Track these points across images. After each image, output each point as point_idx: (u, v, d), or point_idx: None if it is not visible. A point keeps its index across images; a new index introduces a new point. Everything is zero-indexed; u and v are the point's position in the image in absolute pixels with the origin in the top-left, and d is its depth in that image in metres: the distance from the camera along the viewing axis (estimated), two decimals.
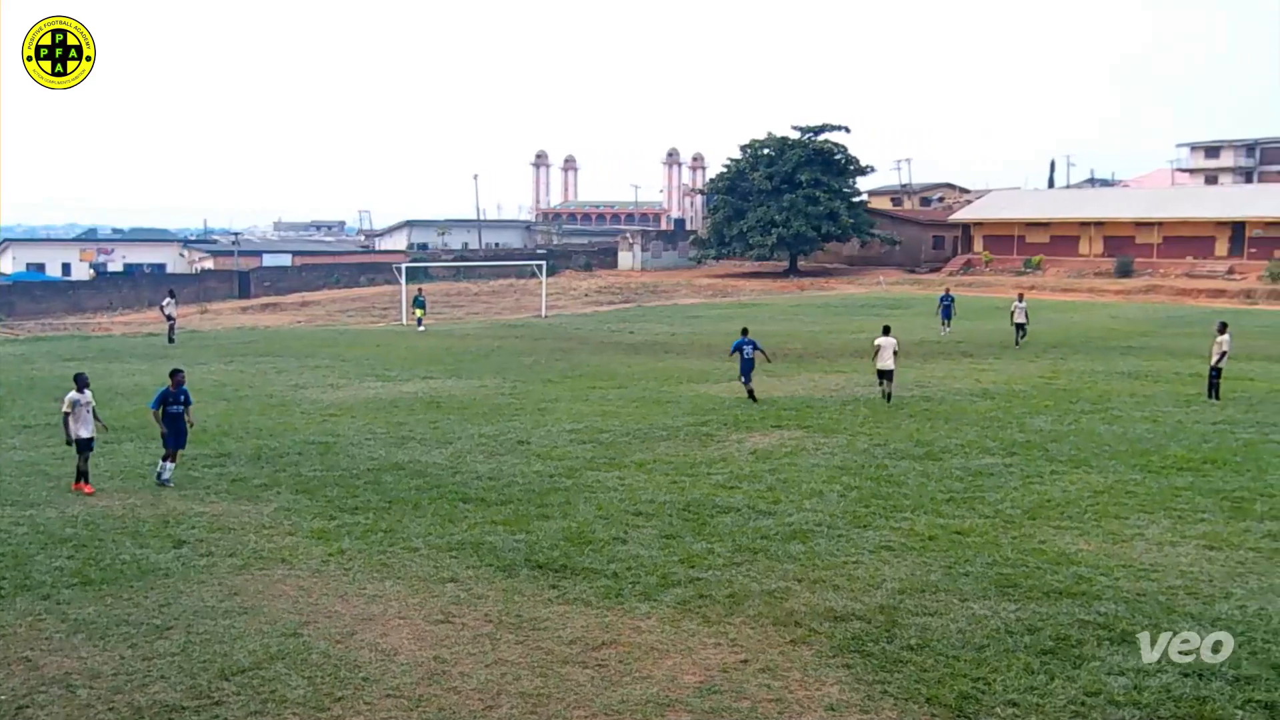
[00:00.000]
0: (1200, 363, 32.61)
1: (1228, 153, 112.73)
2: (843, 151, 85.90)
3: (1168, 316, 52.06)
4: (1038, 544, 14.04)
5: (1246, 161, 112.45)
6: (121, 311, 64.22)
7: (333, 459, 19.44)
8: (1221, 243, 74.58)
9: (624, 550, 13.83)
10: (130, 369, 32.63)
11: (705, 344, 40.35)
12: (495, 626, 11.33)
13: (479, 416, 23.92)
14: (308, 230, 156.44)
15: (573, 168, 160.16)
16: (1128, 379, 29.50)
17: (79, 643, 10.89)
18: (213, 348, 40.01)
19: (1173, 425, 22.23)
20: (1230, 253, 74.03)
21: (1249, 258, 72.37)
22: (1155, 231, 77.28)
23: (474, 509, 15.93)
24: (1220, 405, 24.65)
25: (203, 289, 72.74)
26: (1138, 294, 66.04)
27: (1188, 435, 21.11)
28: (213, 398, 26.57)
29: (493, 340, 42.86)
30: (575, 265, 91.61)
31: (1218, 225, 74.81)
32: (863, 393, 26.93)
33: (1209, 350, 26.32)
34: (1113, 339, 40.68)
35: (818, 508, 15.89)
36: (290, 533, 14.75)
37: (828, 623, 11.33)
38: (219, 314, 60.73)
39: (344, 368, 33.27)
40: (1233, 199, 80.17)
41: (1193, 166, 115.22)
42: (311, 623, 11.42)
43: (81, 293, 69.62)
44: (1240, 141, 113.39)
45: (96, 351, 38.74)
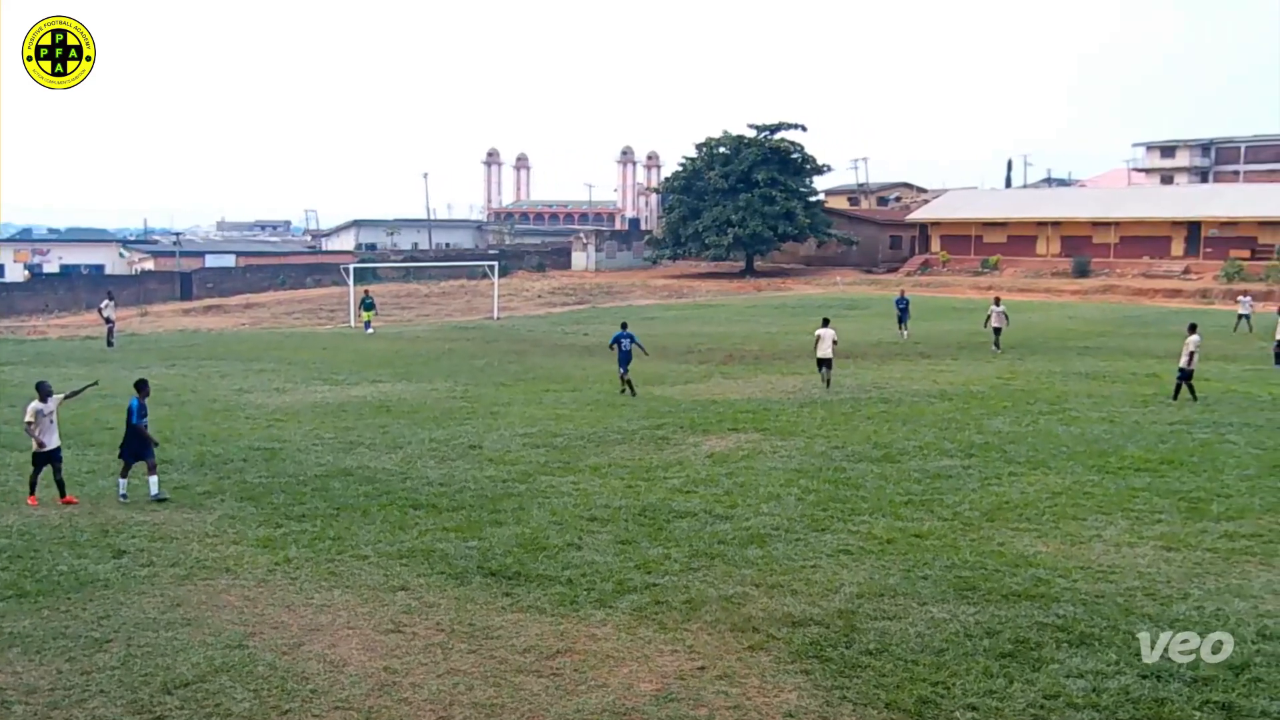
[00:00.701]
0: (1156, 363, 33.17)
1: (1183, 152, 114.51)
2: (799, 150, 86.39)
3: (1124, 316, 52.80)
4: (996, 546, 14.17)
5: (1202, 161, 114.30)
6: (58, 314, 63.33)
7: (279, 465, 19.26)
8: (1177, 242, 75.75)
9: (579, 556, 13.80)
10: (67, 374, 32.10)
11: (660, 346, 40.37)
12: (447, 635, 11.27)
13: (429, 421, 23.80)
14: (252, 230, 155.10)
15: (525, 166, 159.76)
16: (1085, 379, 29.88)
17: (14, 657, 10.70)
18: (154, 351, 39.53)
19: (1130, 426, 22.54)
20: (1186, 252, 75.21)
21: (1205, 257, 73.58)
22: (1112, 231, 78.36)
23: (425, 515, 15.84)
24: (1178, 405, 25.01)
25: (143, 291, 71.89)
26: (1095, 294, 66.91)
27: (1145, 436, 21.41)
28: (154, 403, 26.04)
29: (443, 343, 42.66)
30: (528, 266, 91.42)
31: (1174, 225, 75.97)
32: (820, 395, 27.08)
33: (1179, 351, 26.59)
34: (1070, 339, 41.18)
35: (775, 511, 15.95)
36: (235, 541, 14.59)
37: (786, 628, 11.37)
38: (160, 316, 60.00)
39: (290, 371, 32.98)
40: (1188, 199, 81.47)
41: (1149, 166, 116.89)
42: (257, 634, 11.30)
43: (16, 295, 68.58)
44: (1195, 141, 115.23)
45: (32, 355, 38.16)
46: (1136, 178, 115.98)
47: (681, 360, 35.75)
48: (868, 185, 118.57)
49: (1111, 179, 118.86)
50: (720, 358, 36.33)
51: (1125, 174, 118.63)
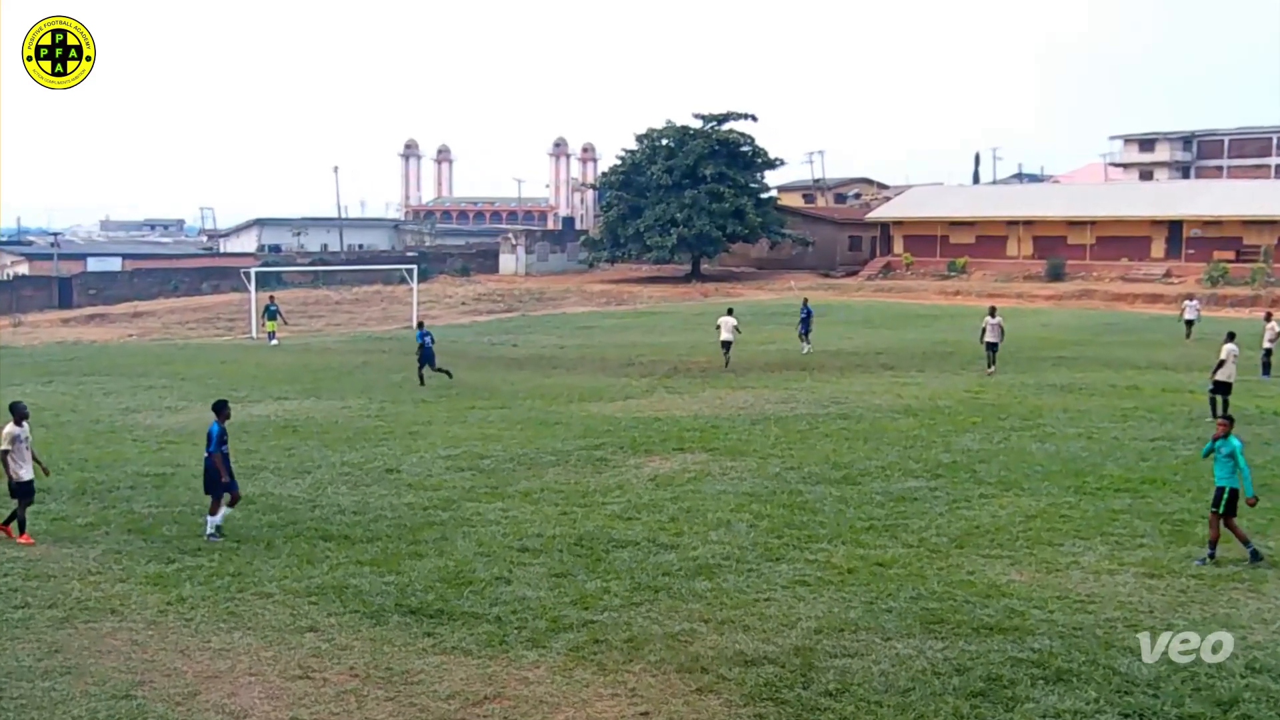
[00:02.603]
0: (1137, 374, 33.73)
1: (1163, 146, 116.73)
2: (750, 143, 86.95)
3: (1103, 324, 53.63)
4: (966, 575, 14.32)
5: (1183, 155, 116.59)
6: None
7: (171, 493, 18.99)
8: (1158, 243, 77.15)
9: (508, 591, 13.75)
10: None
11: (599, 358, 40.43)
12: (362, 681, 11.17)
13: (341, 442, 23.61)
14: (141, 230, 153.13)
15: (447, 159, 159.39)
16: (1060, 392, 30.28)
17: None
18: (28, 366, 38.82)
19: (1109, 443, 22.88)
20: (1167, 254, 76.59)
21: (1187, 259, 74.98)
22: (1088, 231, 79.62)
23: (336, 548, 15.70)
24: (1159, 420, 25.41)
25: (16, 298, 70.64)
26: (1070, 299, 67.88)
27: (1125, 453, 21.74)
28: (29, 424, 25.71)
29: (356, 355, 42.36)
30: (451, 269, 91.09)
31: (1154, 224, 77.36)
32: (774, 410, 27.23)
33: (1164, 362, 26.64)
34: (1044, 349, 41.69)
35: (725, 539, 15.99)
36: (121, 579, 14.36)
37: (737, 668, 11.40)
38: (36, 326, 58.96)
39: (184, 388, 32.56)
40: (1169, 196, 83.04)
41: (1126, 160, 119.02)
42: (147, 682, 11.12)
43: None
44: (1176, 134, 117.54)
45: None
46: (1114, 173, 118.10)
47: (621, 373, 35.78)
48: (824, 181, 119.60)
49: (1087, 174, 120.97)
50: (664, 370, 36.41)
51: (1102, 169, 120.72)
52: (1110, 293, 69.09)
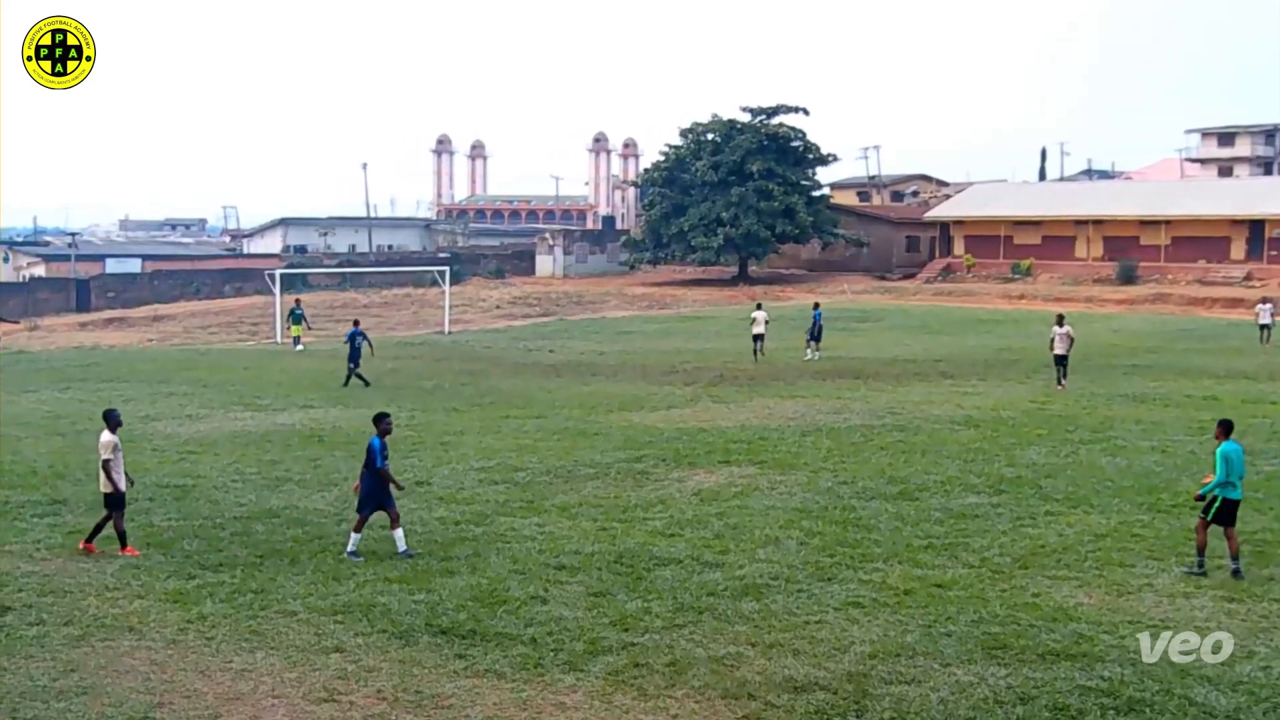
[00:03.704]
0: (1215, 383, 33.38)
1: (1244, 140, 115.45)
2: (800, 137, 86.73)
3: (1178, 330, 53.16)
4: (1031, 597, 14.21)
5: (1265, 150, 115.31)
6: None
7: (192, 505, 19.16)
8: (1238, 244, 76.35)
9: (544, 611, 13.77)
10: None
11: (640, 365, 40.46)
12: (390, 705, 11.22)
13: None
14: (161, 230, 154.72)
15: (481, 155, 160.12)
16: (1133, 403, 30.04)
17: None
18: (45, 371, 39.30)
19: (1185, 457, 22.66)
20: (1248, 255, 75.75)
21: (1269, 261, 74.17)
22: (1162, 231, 78.88)
23: (364, 564, 15.79)
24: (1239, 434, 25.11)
25: (32, 300, 71.51)
26: (1143, 303, 67.31)
27: (1202, 468, 21.46)
28: (45, 432, 26.09)
29: (386, 361, 42.55)
30: (485, 271, 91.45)
31: (1233, 224, 76.57)
32: (826, 421, 27.15)
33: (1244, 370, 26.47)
34: (1115, 356, 41.40)
35: (773, 558, 15.96)
36: (140, 595, 14.50)
37: (786, 694, 11.37)
38: (52, 330, 59.70)
39: (205, 395, 32.84)
40: (1250, 193, 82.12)
41: (1204, 156, 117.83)
42: (166, 704, 11.22)
43: None
44: (1258, 127, 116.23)
45: None
46: (1190, 169, 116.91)
47: (664, 381, 35.78)
48: (880, 178, 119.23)
49: (1161, 170, 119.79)
50: (709, 378, 36.38)
51: (1177, 165, 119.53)
52: (1186, 297, 68.45)
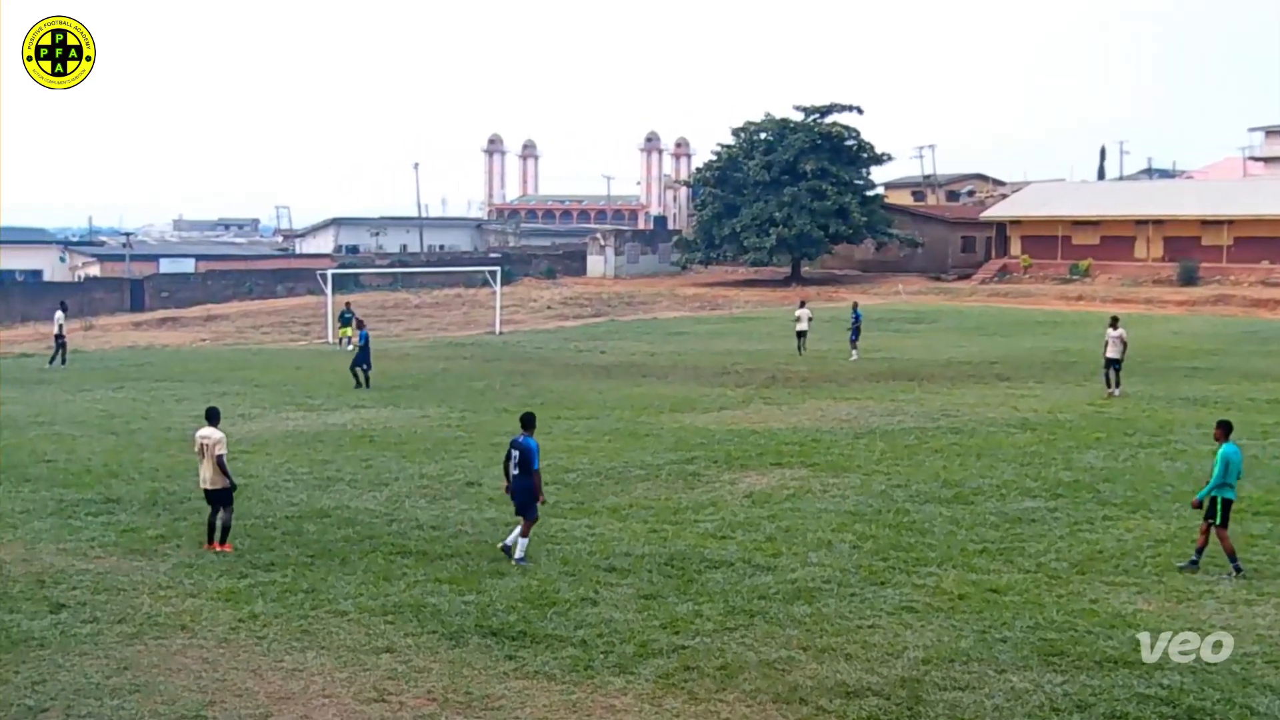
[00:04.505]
0: (1278, 386, 32.91)
1: None
2: (854, 136, 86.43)
3: (1240, 332, 52.49)
4: (1088, 603, 14.10)
5: None
6: None
7: (244, 504, 19.30)
8: None
9: (594, 613, 13.79)
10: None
11: (691, 366, 40.43)
12: (440, 706, 11.27)
13: (420, 453, 23.86)
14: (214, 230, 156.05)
15: (533, 155, 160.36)
16: (1193, 406, 29.70)
17: None
18: (99, 371, 39.79)
19: (1247, 461, 22.28)
20: None
21: None
22: (1225, 231, 77.98)
23: (414, 564, 15.87)
24: None
25: (88, 300, 72.26)
26: (1204, 305, 66.57)
27: (1265, 473, 21.26)
28: (100, 431, 26.41)
29: (436, 361, 42.81)
30: (536, 272, 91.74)
31: None
32: (879, 423, 27.03)
33: None
34: (1175, 359, 40.98)
35: (826, 561, 15.91)
36: (192, 594, 14.65)
37: (838, 699, 11.33)
38: (107, 330, 60.38)
39: (258, 395, 33.14)
40: None
41: (1268, 154, 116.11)
42: (218, 702, 11.33)
43: None
44: None
45: None
46: (1253, 168, 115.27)
47: (715, 383, 35.74)
48: (935, 177, 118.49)
49: (1224, 169, 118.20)
50: (761, 380, 36.31)
51: (1240, 164, 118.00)
52: (1249, 298, 67.61)
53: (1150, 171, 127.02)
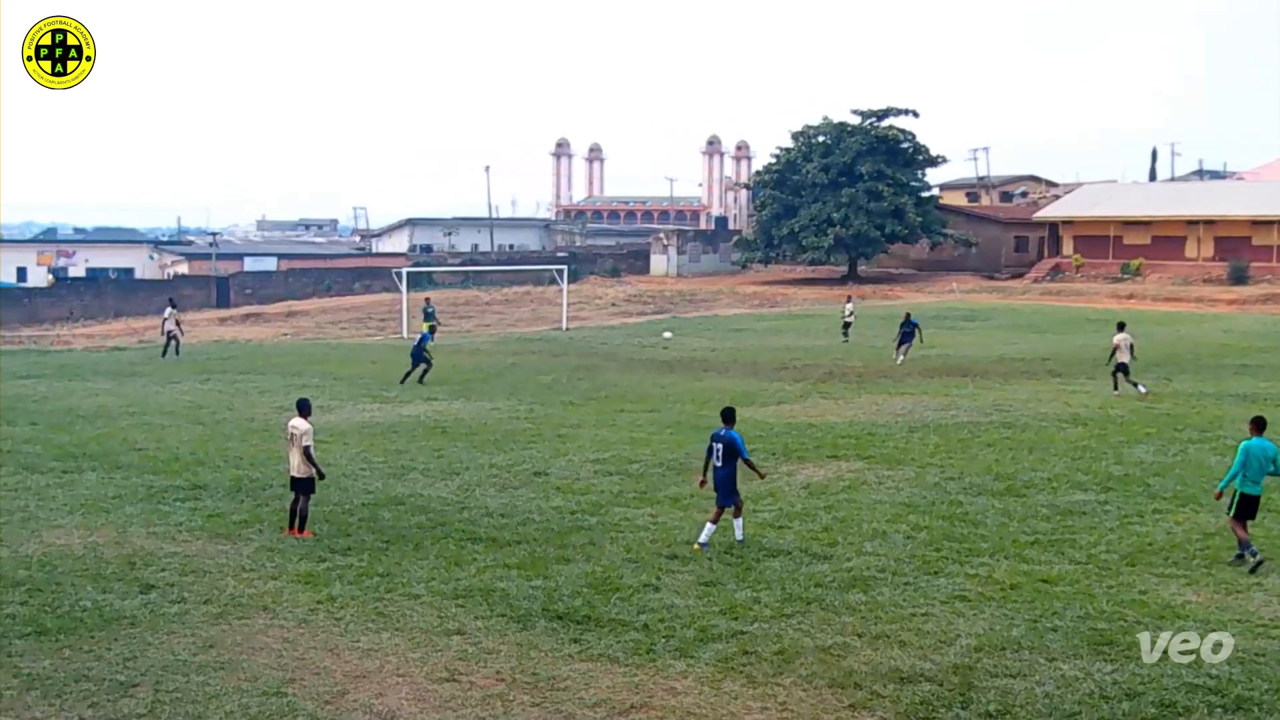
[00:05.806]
0: None
1: None
2: (910, 139, 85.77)
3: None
4: (1138, 594, 13.94)
5: None
6: (83, 322, 64.81)
7: (322, 492, 19.47)
8: None
9: (656, 599, 13.81)
10: (93, 388, 32.92)
11: (751, 361, 40.34)
12: (508, 686, 11.34)
13: (490, 444, 23.99)
14: (295, 230, 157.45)
15: (598, 158, 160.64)
16: (1243, 403, 29.21)
17: (33, 701, 10.97)
18: (187, 364, 40.33)
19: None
20: None
21: None
22: (1275, 231, 76.68)
23: (484, 550, 15.97)
24: None
25: (176, 297, 73.22)
26: (1255, 304, 65.52)
27: None
28: (187, 421, 26.78)
29: (506, 356, 43.00)
30: (601, 270, 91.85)
31: None
32: (933, 417, 26.83)
33: None
34: (1225, 356, 40.37)
35: (881, 551, 15.84)
36: (273, 576, 14.83)
37: (893, 685, 11.28)
38: (194, 325, 61.05)
39: (336, 388, 33.45)
40: None
41: None
42: (297, 680, 11.47)
43: (39, 301, 70.37)
44: None
45: (55, 368, 39.15)
46: None
47: (774, 377, 35.63)
48: (989, 179, 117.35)
49: (1275, 170, 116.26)
50: (818, 375, 36.15)
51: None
52: None
53: (1201, 173, 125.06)
